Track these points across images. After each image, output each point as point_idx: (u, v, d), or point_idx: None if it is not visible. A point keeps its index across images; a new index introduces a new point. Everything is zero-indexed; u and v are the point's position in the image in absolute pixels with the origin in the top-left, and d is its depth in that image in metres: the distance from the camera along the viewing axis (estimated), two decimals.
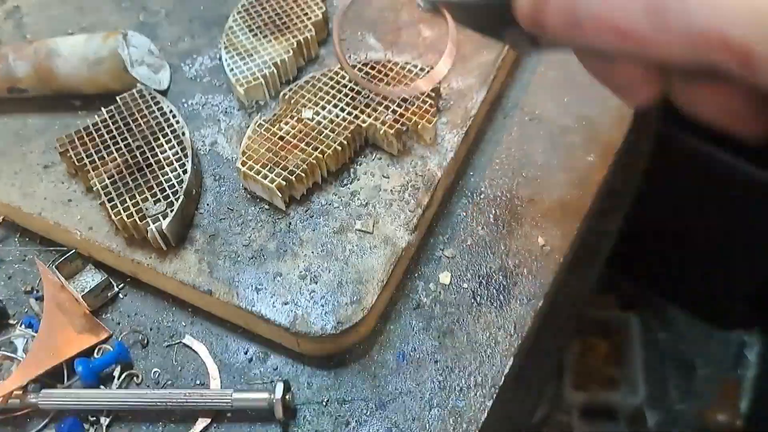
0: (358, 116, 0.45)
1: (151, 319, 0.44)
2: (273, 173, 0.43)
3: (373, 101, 0.46)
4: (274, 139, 0.44)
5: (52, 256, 0.45)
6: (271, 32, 0.50)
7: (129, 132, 0.45)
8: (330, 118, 0.45)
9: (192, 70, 0.51)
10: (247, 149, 0.44)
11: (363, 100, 0.46)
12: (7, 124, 0.49)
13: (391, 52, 0.51)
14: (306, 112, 0.46)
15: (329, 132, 0.44)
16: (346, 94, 0.46)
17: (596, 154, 0.49)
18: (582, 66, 0.30)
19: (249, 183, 0.44)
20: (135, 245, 0.43)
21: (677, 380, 1.22)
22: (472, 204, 0.47)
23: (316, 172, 0.44)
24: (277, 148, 0.44)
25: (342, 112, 0.45)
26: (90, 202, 0.44)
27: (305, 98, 0.46)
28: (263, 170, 0.43)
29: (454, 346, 0.42)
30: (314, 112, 0.45)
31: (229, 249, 0.43)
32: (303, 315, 0.40)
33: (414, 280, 0.44)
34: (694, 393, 1.20)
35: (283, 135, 0.44)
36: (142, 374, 0.42)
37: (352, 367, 0.41)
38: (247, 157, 0.44)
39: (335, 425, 0.39)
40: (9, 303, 0.44)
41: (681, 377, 1.22)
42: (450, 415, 0.39)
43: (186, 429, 0.40)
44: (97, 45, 0.46)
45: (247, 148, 0.44)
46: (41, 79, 0.47)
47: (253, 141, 0.44)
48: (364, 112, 0.45)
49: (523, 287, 0.44)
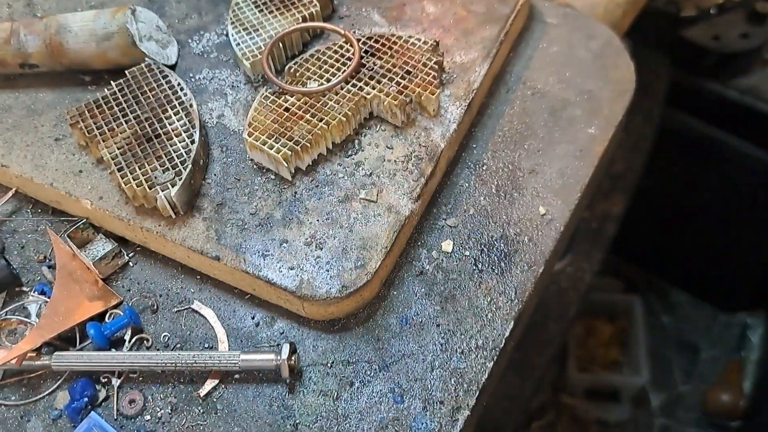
0: (362, 88, 0.46)
1: (161, 286, 0.45)
2: (279, 143, 0.44)
3: (377, 74, 0.47)
4: (280, 110, 0.45)
5: (64, 226, 0.46)
6: (277, 8, 0.51)
7: (138, 104, 0.46)
8: (335, 89, 0.46)
9: (199, 46, 0.52)
10: (253, 120, 0.45)
11: (367, 73, 0.47)
12: (18, 99, 0.50)
13: (395, 26, 0.52)
14: (311, 84, 0.46)
15: (334, 104, 0.45)
16: (351, 67, 0.47)
17: (597, 127, 0.50)
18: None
19: (255, 153, 0.45)
20: (144, 213, 0.44)
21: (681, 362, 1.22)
22: (475, 175, 0.48)
23: (321, 143, 0.45)
24: (282, 119, 0.45)
25: (347, 84, 0.46)
26: (100, 173, 0.46)
27: (310, 71, 0.47)
28: (269, 140, 0.44)
29: (456, 310, 0.43)
30: (319, 84, 0.46)
31: (236, 217, 0.44)
32: (308, 279, 0.41)
33: (417, 248, 0.45)
34: (697, 375, 1.21)
35: (288, 107, 0.45)
36: (152, 338, 0.43)
37: (356, 331, 0.42)
38: (253, 128, 0.45)
39: (340, 385, 0.40)
40: (22, 271, 0.45)
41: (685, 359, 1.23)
42: (451, 376, 0.40)
43: (195, 389, 0.41)
44: (106, 20, 0.47)
45: (253, 120, 0.45)
46: (52, 54, 0.48)
47: (259, 113, 0.45)
48: (368, 84, 0.46)
49: (524, 254, 0.45)
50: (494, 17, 0.52)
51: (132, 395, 0.41)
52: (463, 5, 0.52)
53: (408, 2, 0.53)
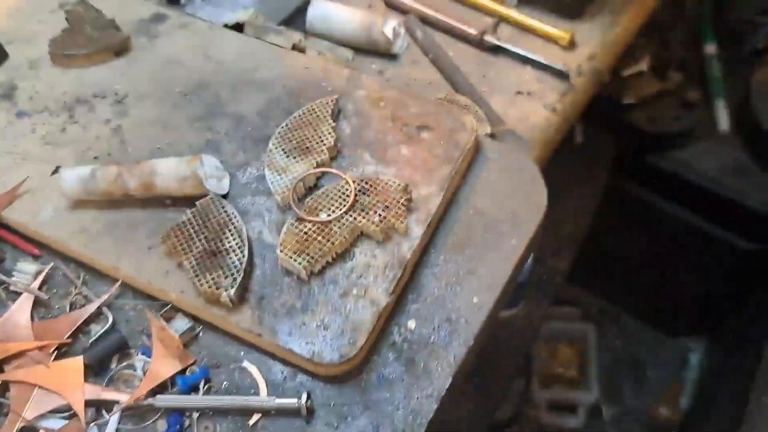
0: (356, 218, 0.68)
1: (221, 350, 0.67)
2: (300, 257, 0.66)
3: (366, 208, 0.69)
4: (301, 234, 0.68)
5: (156, 307, 0.69)
6: (299, 154, 0.73)
7: (206, 227, 0.69)
8: (337, 218, 0.69)
9: (244, 178, 0.74)
10: (283, 242, 0.67)
11: (359, 207, 0.69)
12: (122, 216, 0.72)
13: (381, 165, 0.74)
14: (322, 215, 0.69)
15: (337, 229, 0.68)
16: (349, 202, 0.69)
17: (517, 239, 0.72)
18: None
19: (285, 263, 0.68)
20: (211, 303, 0.66)
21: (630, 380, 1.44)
22: (432, 274, 0.70)
23: (328, 256, 0.68)
24: (303, 240, 0.67)
25: (345, 215, 0.69)
26: (181, 274, 0.68)
27: (321, 205, 0.70)
28: (294, 255, 0.67)
29: (415, 370, 0.65)
30: (327, 215, 0.69)
31: (271, 307, 0.66)
32: (318, 351, 0.64)
33: (391, 326, 0.67)
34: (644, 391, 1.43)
35: (306, 231, 0.68)
36: (216, 386, 0.65)
37: (349, 384, 0.64)
38: (283, 246, 0.67)
39: (338, 419, 0.63)
40: (129, 338, 0.68)
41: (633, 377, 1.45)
42: (410, 414, 0.63)
43: (245, 421, 0.63)
44: (184, 167, 0.70)
45: (283, 242, 0.67)
46: (145, 189, 0.71)
47: (287, 236, 0.68)
48: (360, 215, 0.69)
49: (461, 332, 0.67)
50: (449, 158, 0.74)
51: (206, 424, 0.63)
52: (428, 150, 0.75)
53: (389, 147, 0.75)
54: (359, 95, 0.80)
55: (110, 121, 0.80)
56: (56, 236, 0.71)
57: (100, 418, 0.63)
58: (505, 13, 0.96)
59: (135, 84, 0.84)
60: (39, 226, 0.72)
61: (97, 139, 0.78)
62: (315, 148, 0.73)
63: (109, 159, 0.76)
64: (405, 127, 0.76)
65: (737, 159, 1.21)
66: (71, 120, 0.81)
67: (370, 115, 0.78)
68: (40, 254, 0.74)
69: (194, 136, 0.78)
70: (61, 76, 0.85)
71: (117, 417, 0.63)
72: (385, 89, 0.80)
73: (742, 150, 1.21)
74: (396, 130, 0.76)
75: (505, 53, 0.94)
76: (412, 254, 0.68)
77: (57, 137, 0.79)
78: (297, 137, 0.74)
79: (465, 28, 0.94)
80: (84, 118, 0.81)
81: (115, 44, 0.86)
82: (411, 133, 0.76)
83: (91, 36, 0.87)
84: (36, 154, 0.78)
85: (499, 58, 0.94)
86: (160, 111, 0.80)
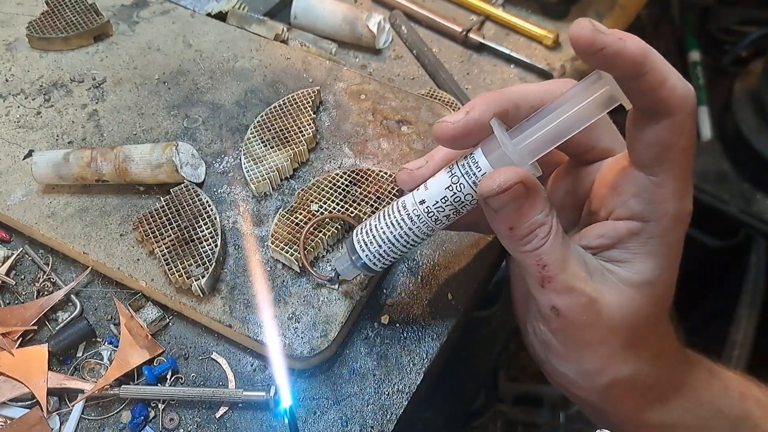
0: (347, 209, 0.67)
1: (191, 341, 0.66)
2: (292, 248, 0.65)
3: (358, 198, 0.68)
4: (292, 225, 0.67)
5: (125, 296, 0.68)
6: (276, 144, 0.72)
7: (179, 215, 0.67)
8: (329, 210, 0.67)
9: (220, 167, 0.73)
10: (275, 232, 0.66)
11: (351, 198, 0.68)
12: (93, 202, 0.71)
13: (360, 158, 0.73)
14: (313, 206, 0.68)
15: (329, 220, 0.67)
16: (340, 194, 0.68)
17: (493, 235, 0.71)
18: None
19: (275, 255, 0.66)
20: (182, 293, 0.65)
21: None
22: (408, 269, 0.70)
23: (319, 247, 0.66)
24: (294, 231, 0.66)
25: (336, 206, 0.68)
26: (152, 262, 0.67)
27: (313, 196, 0.69)
28: (285, 247, 0.65)
29: (386, 365, 0.64)
30: (318, 205, 0.68)
31: (243, 297, 0.65)
32: (290, 343, 0.63)
33: (364, 320, 0.67)
34: None
35: (298, 222, 0.67)
36: (184, 377, 0.64)
37: (320, 377, 0.64)
38: (275, 238, 0.66)
39: (307, 413, 0.62)
40: (97, 326, 0.67)
41: None
42: (380, 410, 0.62)
43: (212, 413, 0.62)
44: (158, 154, 0.69)
45: (275, 232, 0.66)
46: (119, 175, 0.69)
47: (278, 226, 0.67)
48: (352, 206, 0.67)
49: (434, 327, 0.66)
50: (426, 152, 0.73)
51: (171, 415, 0.62)
52: (407, 144, 0.74)
53: (369, 140, 0.74)
54: (340, 87, 0.79)
55: (87, 105, 0.79)
56: (25, 220, 0.69)
57: (63, 407, 0.62)
58: (491, 11, 0.96)
59: (113, 69, 0.82)
60: (8, 209, 0.70)
61: (72, 124, 0.77)
62: (293, 139, 0.72)
63: (84, 144, 0.75)
64: (385, 120, 0.76)
65: (718, 166, 1.21)
66: (47, 104, 0.79)
67: (351, 108, 0.77)
68: (9, 239, 0.72)
69: (171, 123, 0.77)
70: (38, 59, 0.84)
71: (80, 406, 0.62)
72: (366, 82, 0.79)
73: (723, 157, 1.22)
74: (376, 123, 0.76)
75: (489, 51, 0.93)
76: None
77: (31, 121, 0.78)
78: (276, 127, 0.73)
79: (450, 25, 0.93)
80: (60, 102, 0.79)
81: (95, 29, 0.85)
82: (391, 126, 0.75)
83: (71, 20, 0.85)
84: (9, 137, 0.76)
85: (484, 56, 0.93)
86: (137, 97, 0.79)
